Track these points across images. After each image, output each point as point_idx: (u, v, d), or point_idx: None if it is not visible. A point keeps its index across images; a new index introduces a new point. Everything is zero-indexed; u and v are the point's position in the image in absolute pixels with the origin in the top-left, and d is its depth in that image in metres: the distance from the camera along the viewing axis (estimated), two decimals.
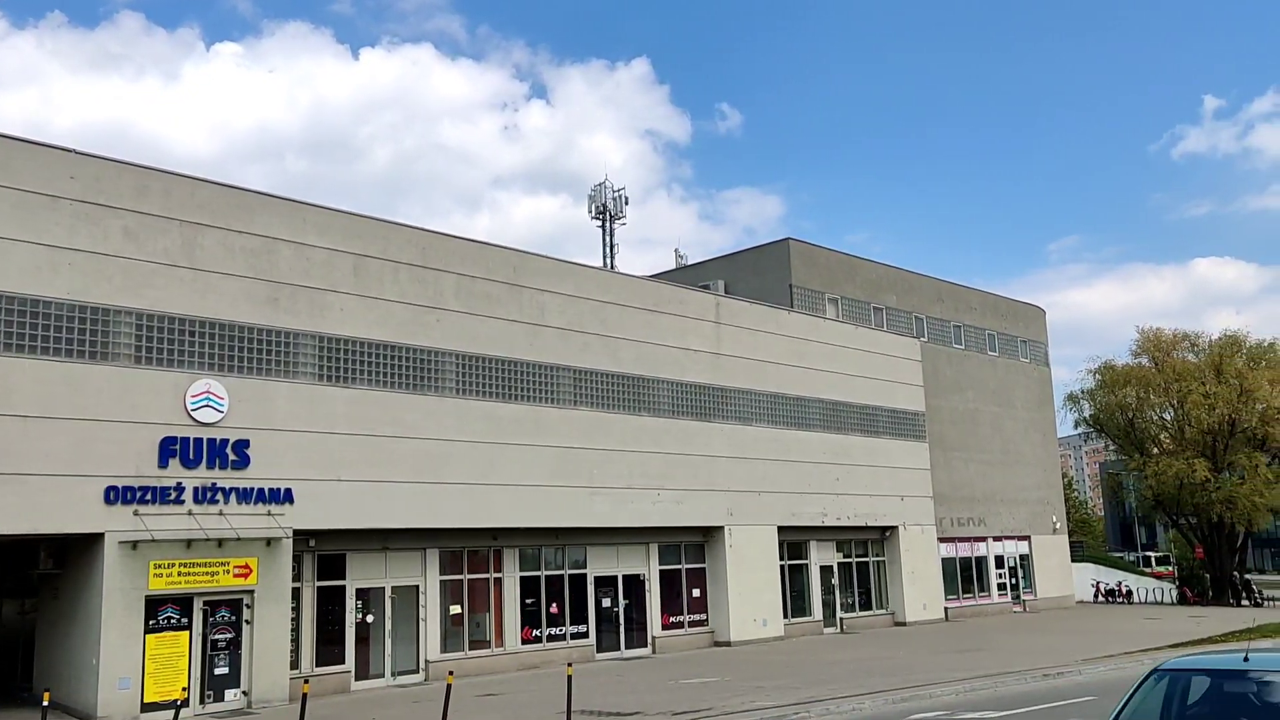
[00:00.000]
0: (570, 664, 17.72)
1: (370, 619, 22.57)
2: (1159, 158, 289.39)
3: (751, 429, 30.67)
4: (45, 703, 14.49)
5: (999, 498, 41.94)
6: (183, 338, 19.56)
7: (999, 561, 41.65)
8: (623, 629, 27.50)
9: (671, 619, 28.73)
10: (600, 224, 54.66)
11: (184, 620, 18.98)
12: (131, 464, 18.54)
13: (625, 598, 27.68)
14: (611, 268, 49.67)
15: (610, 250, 54.24)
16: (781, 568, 31.47)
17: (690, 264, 41.55)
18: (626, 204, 54.87)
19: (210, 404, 19.63)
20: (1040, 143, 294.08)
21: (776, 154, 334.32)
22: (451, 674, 16.45)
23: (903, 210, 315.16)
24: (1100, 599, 50.97)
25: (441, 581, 23.89)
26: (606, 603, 27.24)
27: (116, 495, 18.30)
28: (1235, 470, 48.44)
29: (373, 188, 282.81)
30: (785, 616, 31.33)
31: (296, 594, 21.09)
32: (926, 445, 37.34)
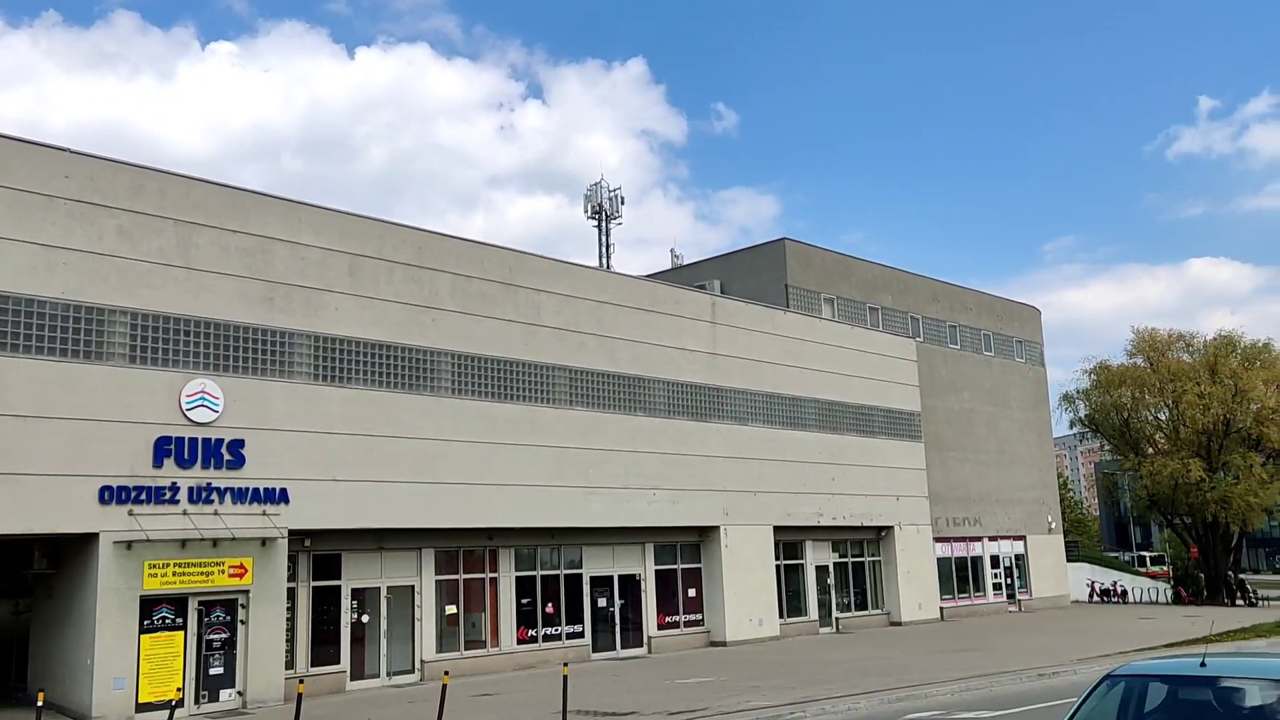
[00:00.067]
0: (566, 664, 17.72)
1: (366, 619, 22.56)
2: (1154, 158, 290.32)
3: (747, 429, 30.70)
4: (40, 703, 14.48)
5: (994, 498, 42.01)
6: (178, 337, 19.54)
7: (994, 561, 41.72)
8: (618, 629, 27.51)
9: (667, 619, 28.74)
10: (596, 224, 54.65)
11: (179, 620, 18.95)
12: (126, 464, 18.52)
13: (621, 598, 27.69)
14: (607, 268, 49.67)
15: (606, 250, 54.24)
16: (777, 568, 31.50)
17: (686, 264, 41.60)
18: (622, 204, 54.88)
19: (205, 404, 19.61)
20: (1035, 143, 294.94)
21: (772, 154, 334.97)
22: (447, 674, 16.43)
23: (898, 210, 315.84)
24: (1095, 599, 51.07)
25: (437, 581, 23.89)
26: (602, 603, 27.24)
27: (111, 495, 18.28)
28: (1230, 470, 48.59)
29: (368, 187, 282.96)
30: (781, 616, 31.36)
31: (292, 594, 21.08)
32: (922, 445, 37.39)
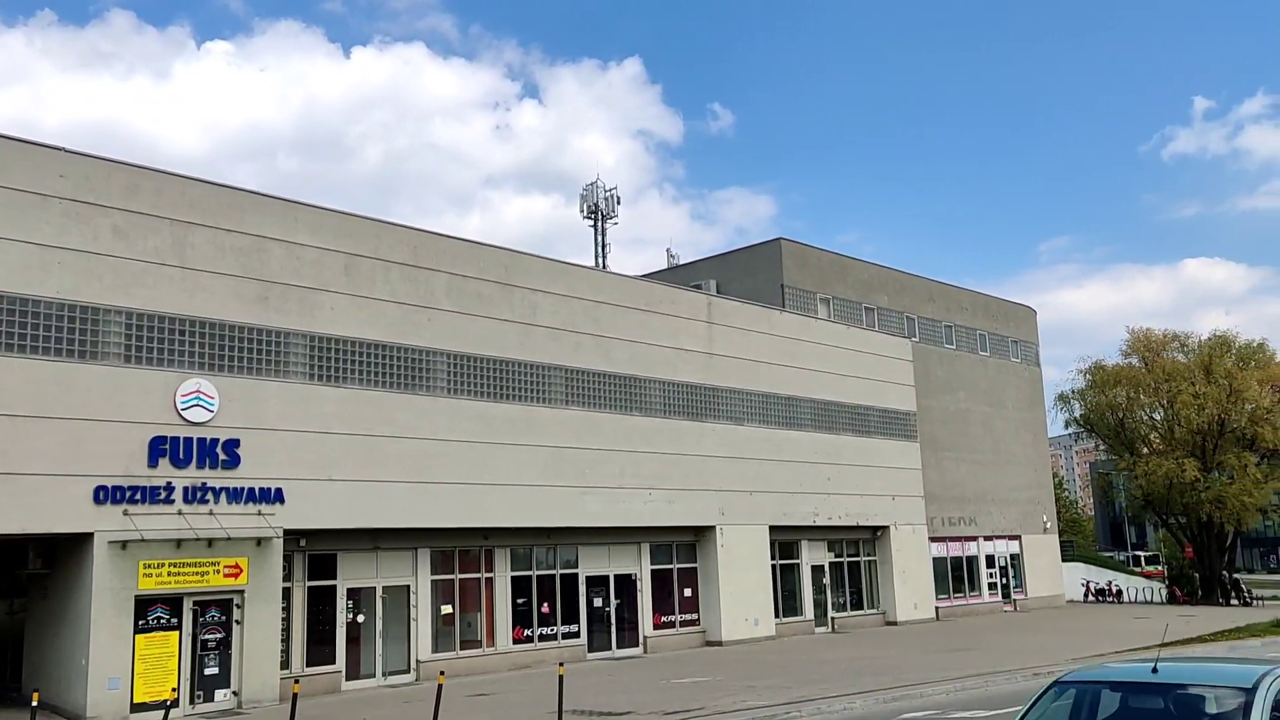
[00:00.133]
0: (562, 664, 17.69)
1: (361, 619, 22.54)
2: (1149, 159, 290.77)
3: (743, 429, 30.71)
4: (34, 703, 14.44)
5: (990, 497, 42.06)
6: (173, 337, 19.51)
7: (990, 561, 41.77)
8: (614, 629, 27.51)
9: (663, 619, 28.74)
10: (592, 224, 54.58)
11: (174, 620, 18.93)
12: (121, 464, 18.49)
13: (617, 597, 27.68)
14: (603, 268, 49.62)
15: (602, 250, 54.18)
16: (773, 567, 31.51)
17: (682, 264, 41.60)
18: (618, 204, 54.78)
19: (200, 403, 19.59)
20: (1031, 143, 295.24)
21: (768, 154, 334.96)
22: (443, 674, 16.41)
23: (894, 210, 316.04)
24: (1090, 598, 51.14)
25: (433, 581, 23.88)
26: (598, 602, 27.24)
27: (106, 495, 18.25)
28: (1224, 470, 48.66)
29: (364, 187, 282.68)
30: (777, 616, 31.37)
31: (287, 594, 21.06)
32: (918, 445, 37.43)
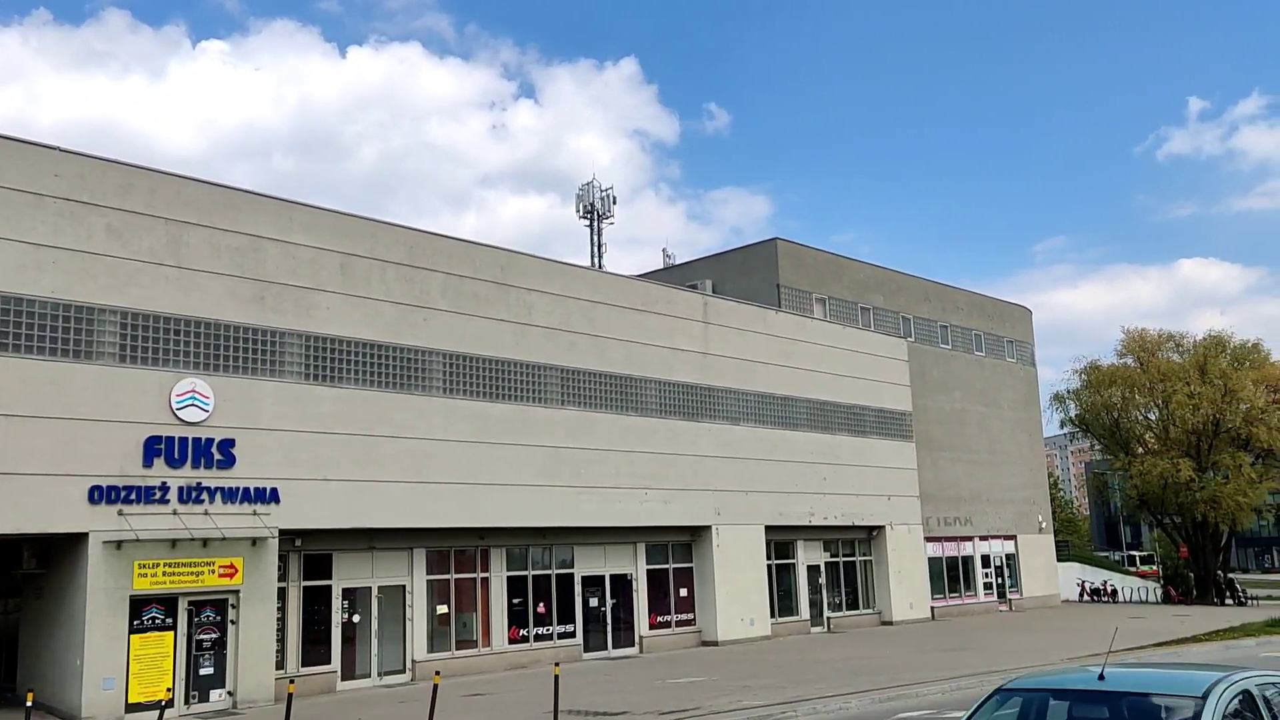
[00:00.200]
0: (557, 664, 17.70)
1: (357, 619, 22.51)
2: (1144, 159, 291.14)
3: (739, 429, 30.72)
4: (29, 703, 14.42)
5: (985, 497, 42.12)
6: (168, 336, 19.48)
7: (985, 561, 41.83)
8: (610, 629, 27.50)
9: (659, 619, 28.74)
10: (588, 223, 54.68)
11: (169, 620, 18.89)
12: (116, 463, 18.45)
13: (612, 597, 27.68)
14: (599, 267, 49.65)
15: (598, 250, 54.26)
16: (768, 567, 31.53)
17: (678, 264, 41.62)
18: (614, 204, 54.99)
19: (195, 403, 19.55)
20: (1026, 144, 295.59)
21: (764, 154, 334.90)
22: (438, 674, 16.42)
23: (890, 211, 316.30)
24: (1085, 598, 51.25)
25: (428, 581, 23.86)
26: (594, 602, 27.24)
27: (101, 495, 18.21)
28: (1219, 470, 48.76)
29: (360, 186, 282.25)
30: (772, 616, 31.39)
31: (282, 594, 21.01)
32: (913, 445, 37.46)
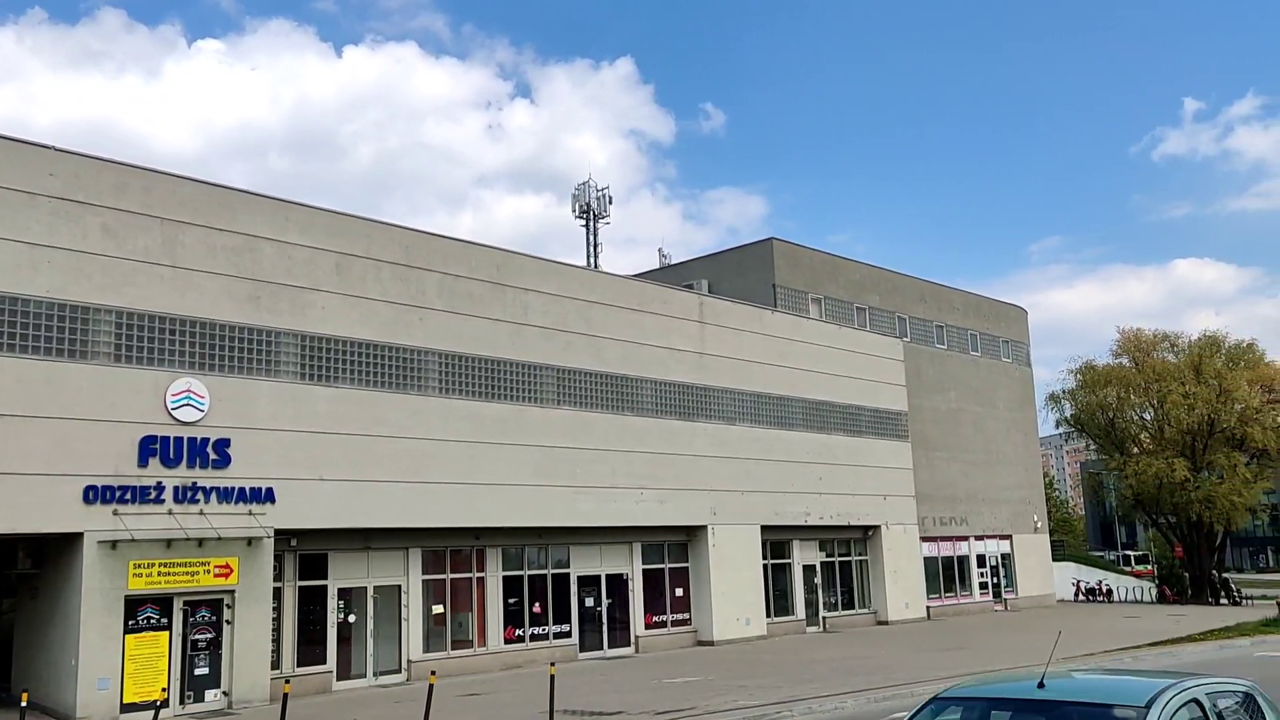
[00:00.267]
0: (553, 664, 17.70)
1: (352, 619, 22.50)
2: (1140, 159, 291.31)
3: (735, 428, 30.74)
4: (24, 703, 14.39)
5: (981, 497, 42.16)
6: (163, 336, 19.45)
7: (980, 561, 41.87)
8: (606, 628, 27.50)
9: (654, 618, 28.75)
10: (584, 223, 54.70)
11: (164, 620, 18.87)
12: (111, 463, 18.42)
13: (608, 597, 27.68)
14: (595, 267, 49.65)
15: (594, 250, 54.26)
16: (764, 567, 31.54)
17: (674, 263, 41.61)
18: (610, 203, 54.95)
19: (191, 403, 19.52)
20: (1022, 144, 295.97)
21: (760, 154, 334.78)
22: (434, 674, 16.40)
23: (885, 211, 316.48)
24: (1081, 598, 51.34)
25: (424, 581, 23.84)
26: (590, 602, 27.24)
27: (96, 495, 18.18)
28: (1214, 470, 48.86)
29: (356, 186, 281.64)
30: (768, 615, 31.40)
31: (278, 594, 21.01)
32: (909, 445, 37.50)
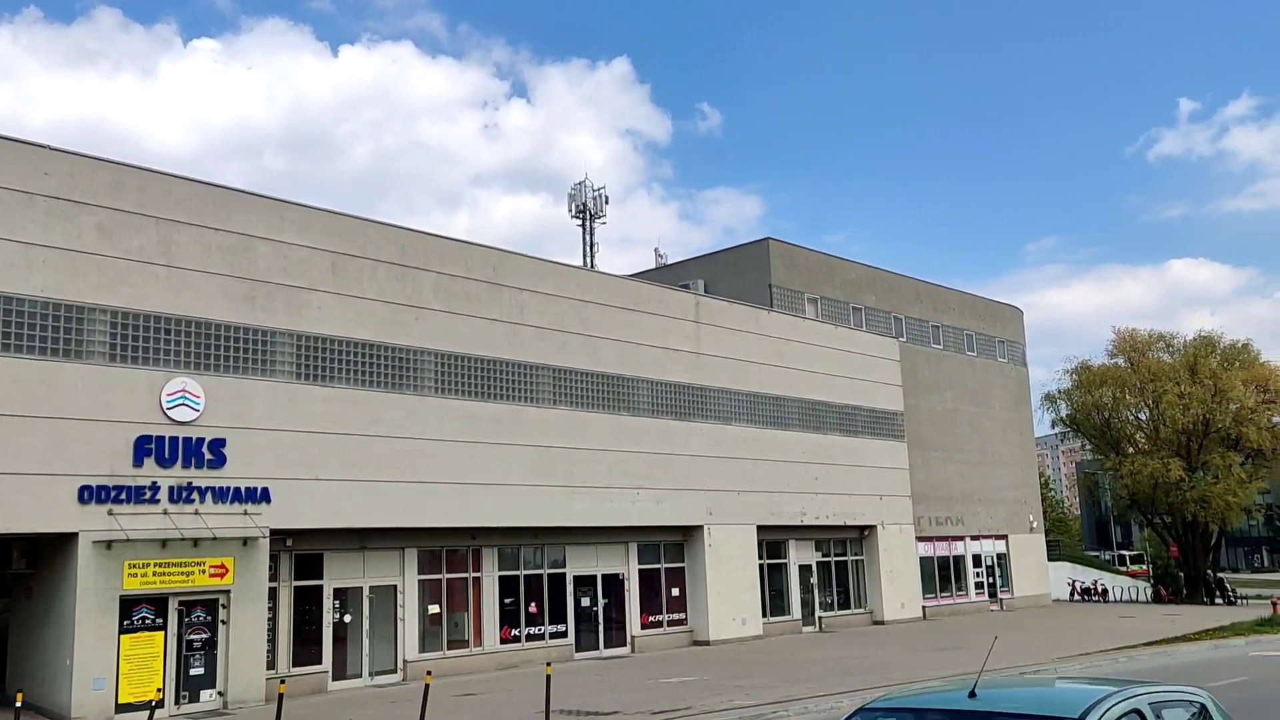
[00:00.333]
0: (549, 663, 17.69)
1: (348, 619, 22.47)
2: (1135, 160, 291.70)
3: (731, 428, 30.74)
4: (18, 704, 14.36)
5: (976, 497, 42.20)
6: (158, 336, 19.41)
7: (976, 560, 41.90)
8: (602, 628, 27.49)
9: (650, 618, 28.74)
10: (580, 223, 54.67)
11: (159, 620, 18.83)
12: (106, 463, 18.39)
13: (604, 597, 27.67)
14: (591, 267, 49.65)
15: (590, 249, 54.25)
16: (760, 567, 31.55)
17: (670, 263, 41.60)
18: (606, 203, 54.92)
19: (186, 403, 19.49)
20: (1018, 145, 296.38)
21: (756, 154, 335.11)
22: (429, 674, 16.39)
23: (881, 211, 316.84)
24: (1076, 598, 51.37)
25: (420, 581, 23.82)
26: (585, 602, 27.22)
27: (91, 495, 18.15)
28: (1209, 470, 48.90)
29: (352, 185, 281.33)
30: (764, 615, 31.41)
31: (273, 594, 20.98)
32: (905, 445, 37.52)
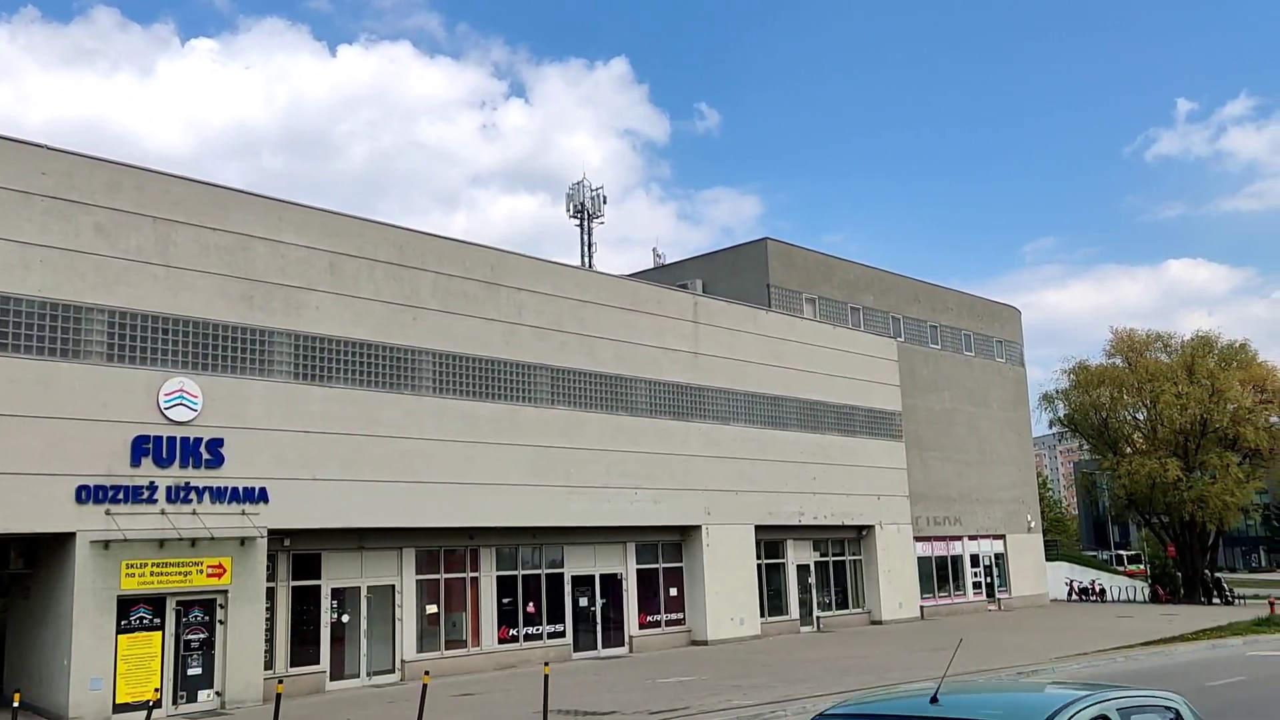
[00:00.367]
0: (547, 663, 17.69)
1: (346, 619, 22.46)
2: (1133, 160, 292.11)
3: (729, 428, 30.74)
4: (15, 704, 14.35)
5: (974, 497, 42.21)
6: (156, 335, 19.40)
7: (974, 560, 41.92)
8: (600, 628, 27.49)
9: (648, 618, 28.74)
10: (578, 223, 54.63)
11: (156, 620, 18.82)
12: (103, 463, 18.38)
13: (602, 597, 27.68)
14: (589, 267, 49.63)
15: (588, 249, 54.21)
16: (758, 567, 31.55)
17: (668, 263, 41.61)
18: (605, 203, 54.86)
19: (184, 402, 19.48)
20: (1016, 145, 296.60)
21: (754, 154, 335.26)
22: (427, 674, 16.39)
23: (879, 211, 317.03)
24: (1074, 597, 51.38)
25: (418, 581, 23.81)
26: (583, 602, 27.22)
27: (88, 494, 18.14)
28: (1207, 470, 48.93)
29: (350, 185, 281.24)
30: (762, 615, 31.41)
31: (271, 594, 20.97)
32: (903, 445, 37.53)
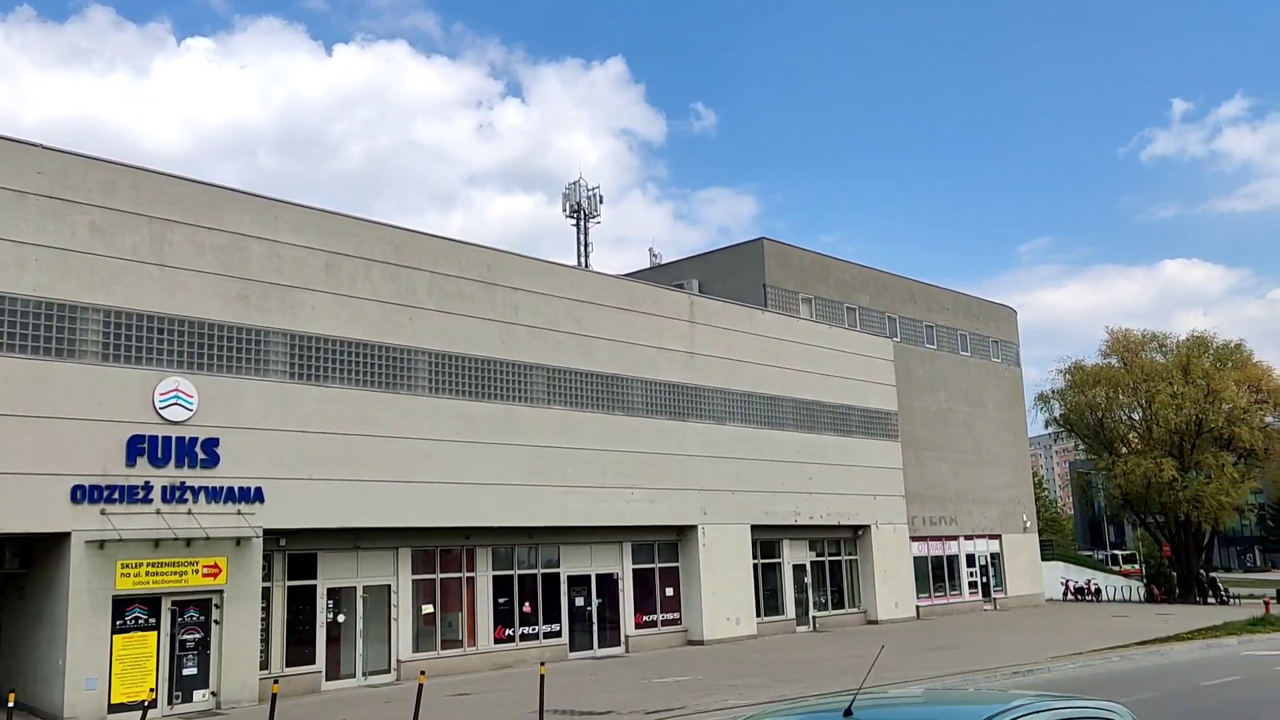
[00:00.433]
0: (543, 663, 17.67)
1: (341, 619, 22.44)
2: (1128, 160, 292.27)
3: (726, 428, 30.75)
4: (10, 704, 14.33)
5: (970, 497, 42.26)
6: (151, 335, 19.37)
7: (970, 560, 41.97)
8: (596, 628, 27.49)
9: (645, 618, 28.74)
10: (575, 223, 54.59)
11: (152, 620, 18.80)
12: (99, 463, 18.34)
13: (598, 597, 27.67)
14: (586, 267, 49.60)
15: (585, 249, 54.19)
16: (755, 566, 31.56)
17: (665, 263, 41.62)
18: (601, 203, 54.90)
19: (179, 402, 19.45)
20: (1012, 145, 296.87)
21: (751, 154, 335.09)
22: (423, 674, 16.38)
23: (876, 211, 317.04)
24: (1069, 597, 51.48)
25: (414, 581, 23.80)
26: (580, 602, 27.22)
27: (83, 494, 18.10)
28: (1202, 470, 49.05)
29: (346, 185, 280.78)
30: (758, 615, 31.43)
31: (266, 594, 20.94)
32: (899, 444, 37.56)
